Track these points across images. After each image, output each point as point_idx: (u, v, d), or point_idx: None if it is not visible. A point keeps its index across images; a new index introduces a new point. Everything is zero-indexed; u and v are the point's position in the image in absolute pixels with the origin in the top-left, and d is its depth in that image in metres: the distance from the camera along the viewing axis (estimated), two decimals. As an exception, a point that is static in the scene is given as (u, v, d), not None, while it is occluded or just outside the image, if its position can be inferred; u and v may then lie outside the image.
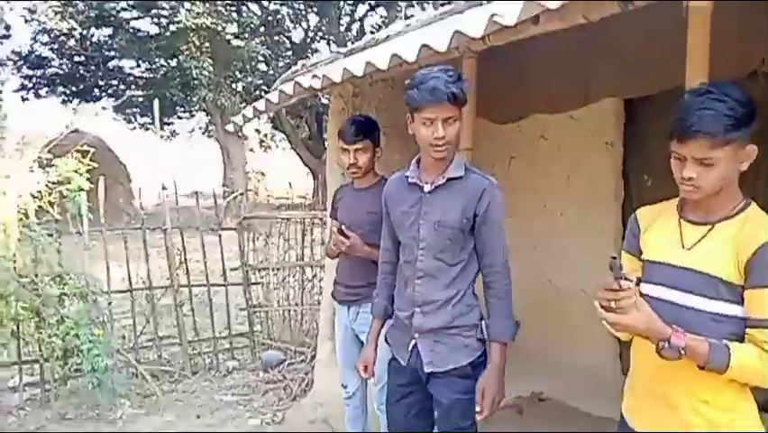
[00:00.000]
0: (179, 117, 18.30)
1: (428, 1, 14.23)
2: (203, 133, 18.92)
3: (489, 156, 4.48)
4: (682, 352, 1.36)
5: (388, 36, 3.45)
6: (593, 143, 3.97)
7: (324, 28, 15.82)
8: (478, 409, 1.96)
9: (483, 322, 2.07)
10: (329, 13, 14.98)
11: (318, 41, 16.84)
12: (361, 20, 16.56)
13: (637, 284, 1.49)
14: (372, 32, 15.78)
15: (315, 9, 15.10)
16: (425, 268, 2.05)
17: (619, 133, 3.89)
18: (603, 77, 3.84)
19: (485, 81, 3.95)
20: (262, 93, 14.93)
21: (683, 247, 1.48)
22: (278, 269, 5.17)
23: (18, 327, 4.07)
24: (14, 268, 3.96)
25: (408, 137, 4.69)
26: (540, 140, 4.33)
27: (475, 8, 2.67)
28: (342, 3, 15.45)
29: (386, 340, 2.31)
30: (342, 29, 15.75)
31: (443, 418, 2.10)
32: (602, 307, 1.39)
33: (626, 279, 1.36)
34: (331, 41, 16.26)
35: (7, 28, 13.41)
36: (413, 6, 15.00)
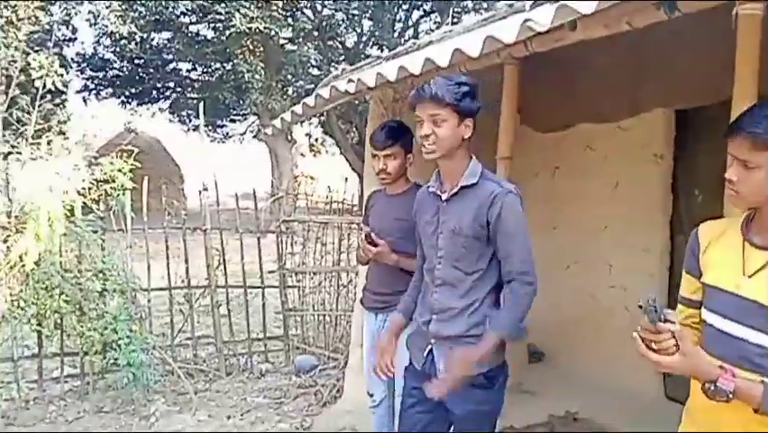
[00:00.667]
0: (232, 120, 18.71)
1: (483, 7, 14.11)
2: (253, 137, 19.27)
3: (532, 165, 4.37)
4: (730, 395, 1.24)
5: (430, 41, 3.40)
6: (641, 155, 3.80)
7: (377, 33, 15.87)
8: (440, 376, 1.98)
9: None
10: (383, 18, 15.02)
11: (371, 47, 16.93)
12: (415, 26, 16.55)
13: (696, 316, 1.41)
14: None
15: (369, 14, 15.17)
16: (442, 276, 2.07)
17: (669, 145, 3.72)
18: (653, 86, 3.68)
19: (529, 89, 3.84)
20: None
21: (744, 274, 1.34)
22: (314, 273, 5.17)
23: (61, 320, 4.19)
24: (59, 262, 4.08)
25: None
26: (586, 150, 4.19)
27: (518, 14, 2.59)
28: (396, 9, 15.48)
29: (406, 345, 2.30)
30: (395, 35, 15.77)
31: (457, 428, 2.10)
32: (644, 343, 1.28)
33: (666, 320, 1.25)
34: (384, 47, 16.31)
35: (73, 31, 14.02)
36: (468, 12, 14.90)
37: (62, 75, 9.08)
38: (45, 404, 4.17)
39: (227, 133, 19.99)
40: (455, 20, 13.02)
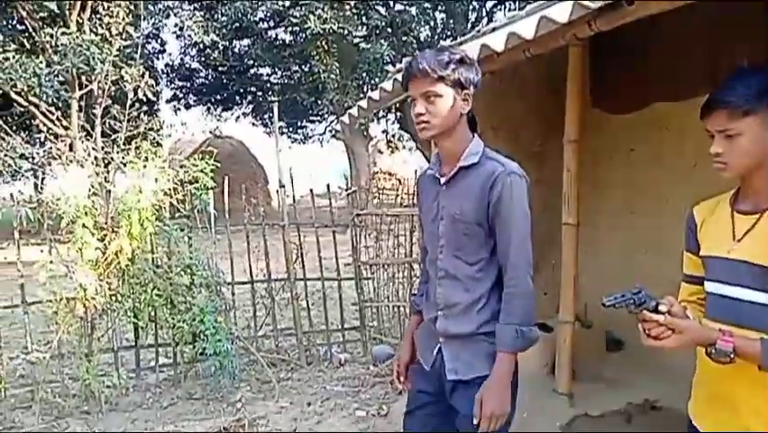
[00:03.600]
0: (311, 120, 19.17)
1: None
2: (332, 136, 19.68)
3: (605, 149, 4.24)
4: (732, 355, 1.31)
5: (493, 28, 3.39)
6: (722, 133, 3.60)
7: (450, 26, 15.78)
8: (475, 422, 1.77)
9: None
10: (456, 10, 14.92)
11: (445, 40, 16.84)
12: (489, 15, 16.31)
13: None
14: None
15: (443, 7, 15.10)
16: (445, 267, 1.90)
17: (752, 120, 3.49)
18: (733, 60, 3.47)
19: (600, 70, 3.75)
20: (389, 94, 15.23)
21: (734, 239, 1.44)
22: (388, 265, 5.26)
23: (155, 313, 4.50)
24: (151, 259, 4.38)
25: (519, 133, 4.58)
26: (662, 130, 4.01)
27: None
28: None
29: (413, 343, 2.15)
30: (468, 26, 15.62)
31: (463, 430, 1.90)
32: (644, 332, 1.39)
33: (655, 310, 1.36)
34: (457, 38, 16.17)
35: (162, 44, 14.87)
36: (543, -2, 14.52)
37: (152, 86, 9.69)
38: (142, 391, 4.49)
39: (307, 134, 20.53)
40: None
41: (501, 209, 1.78)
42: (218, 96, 16.91)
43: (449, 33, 16.32)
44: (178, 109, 16.59)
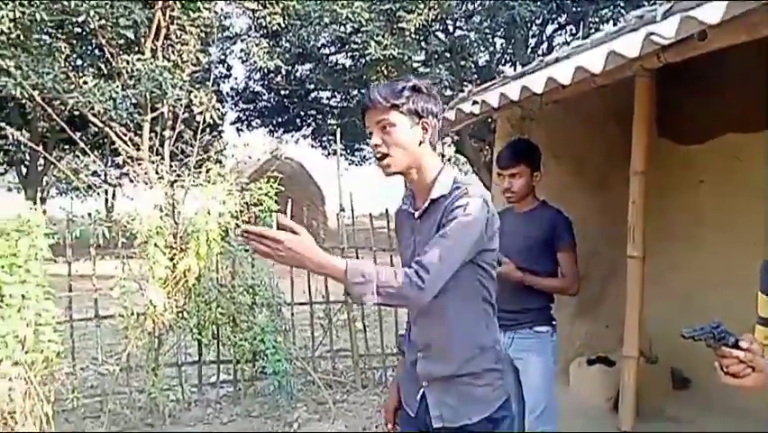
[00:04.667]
0: (368, 143, 19.39)
1: (621, 15, 13.51)
2: (391, 158, 19.83)
3: (672, 179, 4.15)
4: None
5: (557, 58, 3.40)
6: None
7: (509, 51, 15.77)
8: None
9: (501, 365, 1.79)
10: (515, 35, 14.90)
11: (504, 64, 16.82)
12: (549, 40, 16.22)
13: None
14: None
15: (502, 32, 15.12)
16: (422, 307, 1.72)
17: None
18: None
19: (668, 100, 3.68)
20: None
21: None
22: (445, 290, 5.25)
23: (217, 331, 4.64)
24: (216, 278, 4.53)
25: (581, 161, 4.54)
26: (733, 161, 3.90)
27: (647, 25, 2.54)
28: (529, 24, 15.29)
29: (397, 387, 2.02)
30: (528, 51, 15.57)
31: None
32: (721, 369, 1.33)
33: (735, 345, 1.30)
34: (516, 63, 16.13)
35: (228, 69, 15.46)
36: (606, 22, 14.33)
37: (219, 109, 10.10)
38: (204, 407, 4.62)
39: (364, 156, 20.79)
40: (592, 30, 12.59)
41: (447, 222, 1.64)
42: (279, 119, 17.39)
43: (508, 59, 16.31)
44: (241, 131, 17.14)
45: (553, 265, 2.91)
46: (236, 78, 17.94)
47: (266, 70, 13.25)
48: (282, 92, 16.17)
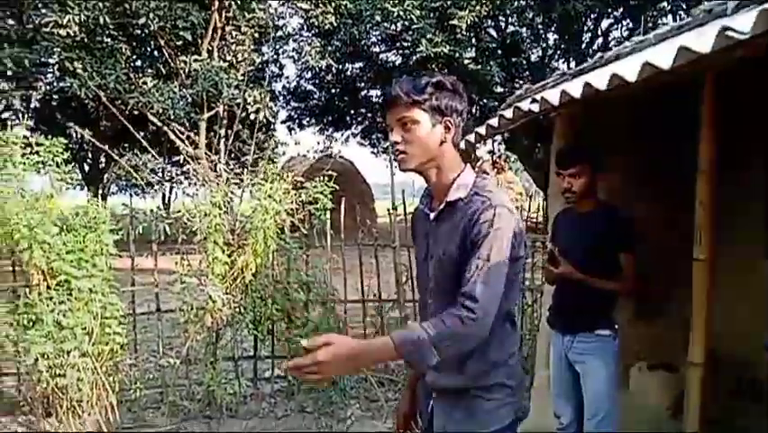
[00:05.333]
0: (419, 141, 19.37)
1: (682, 8, 13.05)
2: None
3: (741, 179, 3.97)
4: None
5: (617, 55, 3.30)
6: None
7: (563, 46, 15.45)
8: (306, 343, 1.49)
9: (514, 382, 1.72)
10: (569, 30, 14.59)
11: (557, 60, 16.49)
12: (605, 35, 15.81)
13: None
14: (616, 47, 14.91)
15: (555, 27, 14.84)
16: (434, 313, 1.66)
17: None
18: None
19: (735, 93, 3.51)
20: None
21: None
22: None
23: (272, 326, 4.72)
24: (272, 275, 4.62)
25: (644, 159, 4.40)
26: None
27: (718, 19, 2.44)
28: (583, 19, 14.94)
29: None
30: (582, 45, 15.22)
31: None
32: None
33: None
34: (570, 59, 15.79)
35: (280, 68, 15.70)
36: (665, 15, 13.87)
37: (271, 108, 10.29)
38: (259, 401, 4.71)
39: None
40: (650, 25, 12.21)
41: (477, 240, 1.57)
42: (330, 117, 17.54)
43: (560, 54, 15.98)
44: (292, 129, 17.38)
45: (612, 266, 2.84)
46: (288, 77, 18.21)
47: (317, 69, 13.40)
48: (332, 90, 16.31)
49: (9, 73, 8.85)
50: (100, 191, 16.89)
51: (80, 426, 3.93)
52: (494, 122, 3.52)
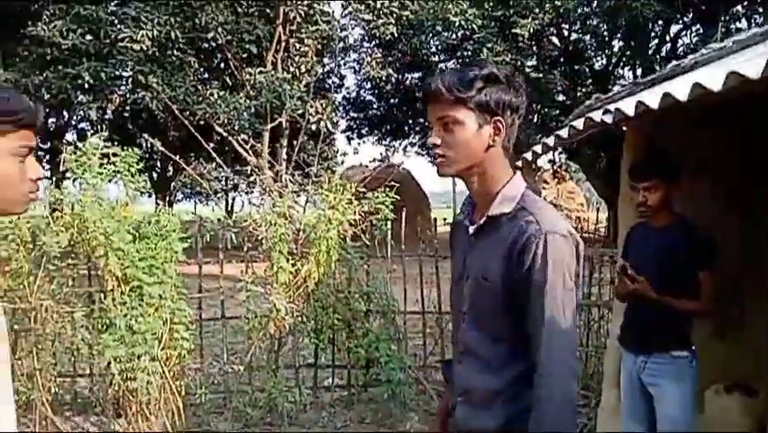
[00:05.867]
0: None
1: (758, 11, 12.48)
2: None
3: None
4: None
5: (695, 62, 3.17)
6: None
7: (628, 53, 15.02)
8: None
9: None
10: (636, 36, 14.18)
11: (621, 68, 16.04)
12: (673, 41, 15.27)
13: None
14: (684, 55, 14.40)
15: (620, 34, 14.44)
16: (467, 342, 1.51)
17: None
18: None
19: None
20: (558, 124, 14.83)
21: None
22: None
23: (333, 336, 4.75)
24: (334, 284, 4.64)
25: (722, 173, 4.20)
26: None
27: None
28: (650, 25, 14.49)
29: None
30: (649, 52, 14.75)
31: None
32: None
33: None
34: (636, 67, 15.32)
35: (341, 78, 15.94)
36: (738, 20, 13.29)
37: (332, 119, 10.43)
38: (319, 409, 4.74)
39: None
40: (724, 30, 11.71)
41: (531, 280, 1.36)
42: (388, 127, 17.67)
43: (626, 61, 15.53)
44: (351, 139, 17.58)
45: (689, 284, 2.70)
46: (348, 88, 18.42)
47: (377, 79, 13.52)
48: (392, 100, 16.41)
49: (86, 86, 9.32)
50: (167, 198, 17.52)
51: (148, 428, 4.05)
52: (564, 132, 3.42)
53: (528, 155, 3.89)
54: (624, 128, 4.03)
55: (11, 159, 1.15)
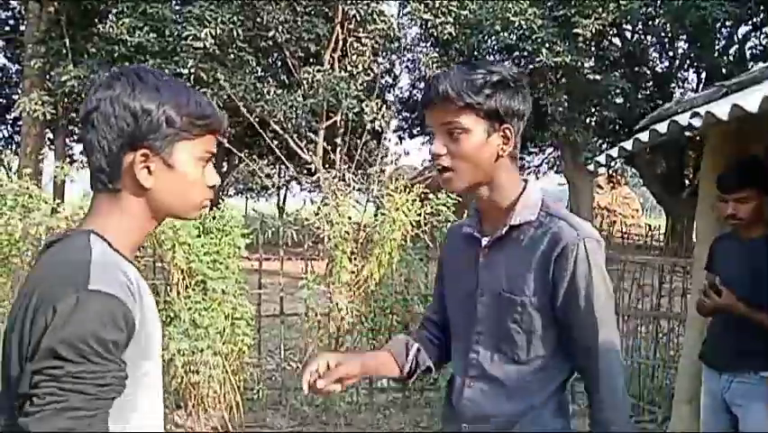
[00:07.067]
0: (529, 152, 18.95)
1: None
2: (549, 168, 19.19)
3: None
4: None
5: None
6: None
7: (693, 54, 14.49)
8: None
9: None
10: (703, 38, 13.68)
11: (686, 70, 15.51)
12: (741, 43, 14.65)
13: None
14: (754, 56, 13.77)
15: (685, 35, 13.95)
16: (482, 364, 1.39)
17: None
18: None
19: None
20: (616, 127, 14.43)
21: None
22: (627, 316, 4.87)
23: (390, 337, 4.70)
24: (394, 286, 4.60)
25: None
26: None
27: None
28: (717, 26, 13.95)
29: None
30: (715, 54, 14.20)
31: None
32: None
33: None
34: (701, 69, 14.79)
35: (394, 78, 15.91)
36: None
37: (385, 118, 10.41)
38: (374, 411, 4.70)
39: (523, 165, 20.31)
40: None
41: (576, 293, 1.29)
42: (440, 128, 17.58)
43: (690, 63, 14.99)
44: (402, 138, 17.53)
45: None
46: (401, 87, 18.42)
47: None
48: (445, 100, 16.31)
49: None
50: (220, 194, 17.89)
51: (206, 420, 4.10)
52: (644, 136, 3.28)
53: (601, 158, 3.76)
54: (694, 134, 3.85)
55: (198, 164, 1.13)
